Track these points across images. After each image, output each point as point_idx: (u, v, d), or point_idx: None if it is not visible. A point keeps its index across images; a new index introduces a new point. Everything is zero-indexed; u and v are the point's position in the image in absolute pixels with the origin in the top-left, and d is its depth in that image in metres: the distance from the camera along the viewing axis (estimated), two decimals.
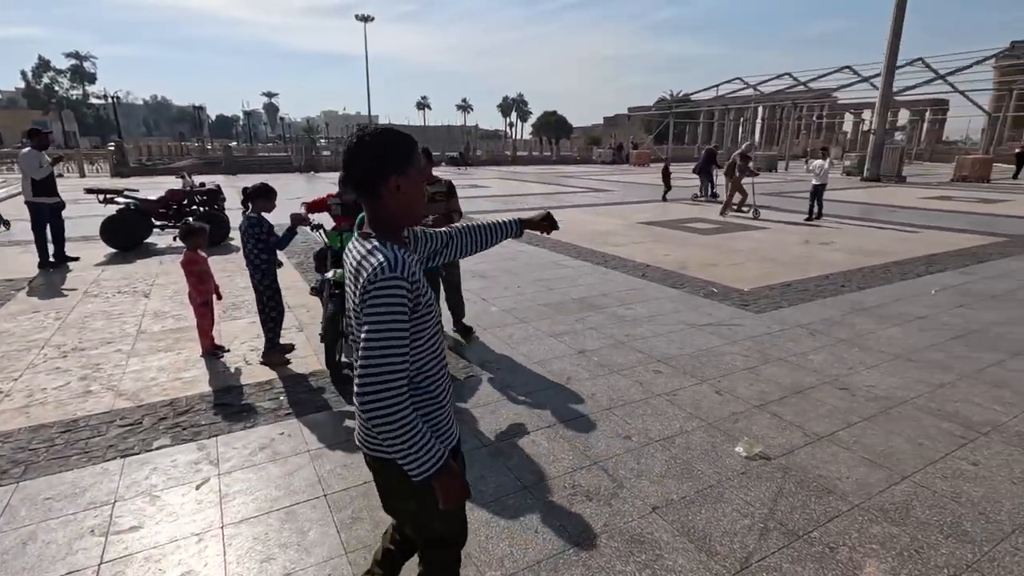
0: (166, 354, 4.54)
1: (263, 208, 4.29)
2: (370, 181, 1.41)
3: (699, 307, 5.85)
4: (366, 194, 1.43)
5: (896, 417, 3.49)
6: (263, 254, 4.25)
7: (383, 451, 1.46)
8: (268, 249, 4.26)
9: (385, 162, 1.41)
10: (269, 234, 4.25)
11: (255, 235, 4.19)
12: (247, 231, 4.19)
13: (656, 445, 3.16)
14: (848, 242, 9.68)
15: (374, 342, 1.30)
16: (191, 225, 4.54)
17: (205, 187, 10.04)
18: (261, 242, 4.21)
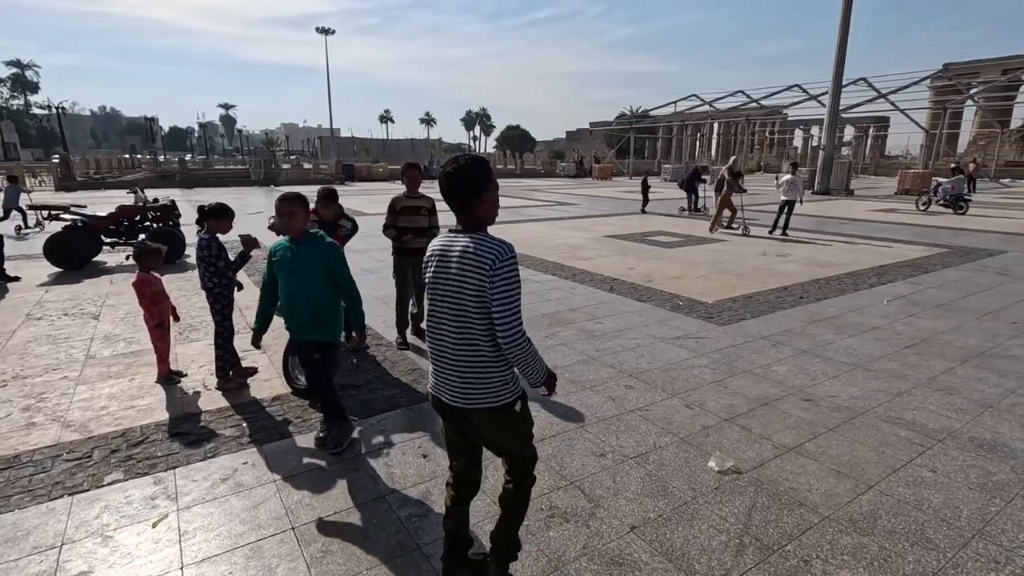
0: (118, 381, 4.30)
1: (218, 229, 4.14)
2: (469, 195, 1.91)
3: (666, 320, 5.94)
4: (466, 205, 1.92)
5: (859, 426, 3.60)
6: (215, 277, 4.07)
7: (500, 398, 1.99)
8: (219, 272, 4.07)
9: (478, 181, 1.91)
10: (219, 257, 4.07)
11: (204, 257, 4.04)
12: (197, 253, 4.06)
13: (631, 462, 3.16)
14: (803, 254, 10.04)
15: (512, 300, 1.86)
16: (146, 245, 4.33)
17: (159, 203, 9.65)
18: (211, 265, 4.04)
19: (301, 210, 3.12)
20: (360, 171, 36.96)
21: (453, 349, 1.97)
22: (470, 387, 1.97)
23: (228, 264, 4.14)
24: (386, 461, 3.17)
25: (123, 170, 36.97)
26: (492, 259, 1.83)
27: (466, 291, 1.88)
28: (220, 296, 4.15)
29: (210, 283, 4.10)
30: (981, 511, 2.73)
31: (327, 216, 4.69)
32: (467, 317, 1.91)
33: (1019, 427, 3.60)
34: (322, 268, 3.12)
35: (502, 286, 1.84)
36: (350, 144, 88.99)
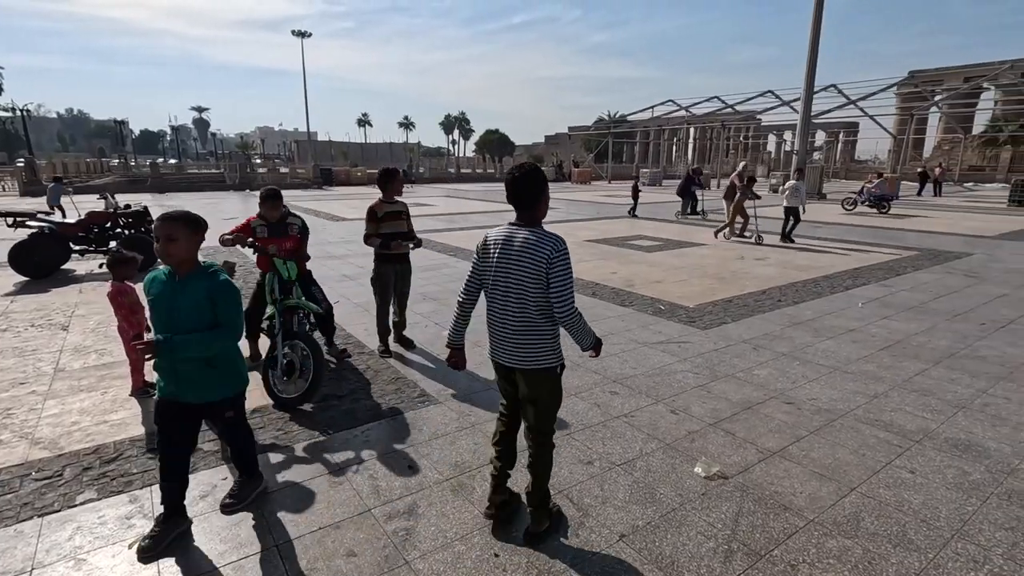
0: (89, 395, 4.15)
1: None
2: (535, 196, 2.39)
3: (649, 325, 5.98)
4: (529, 205, 2.40)
5: (839, 429, 3.66)
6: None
7: (546, 362, 2.45)
8: None
9: (541, 185, 2.39)
10: None
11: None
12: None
13: (618, 469, 3.16)
14: (780, 258, 10.23)
15: (568, 282, 2.34)
16: (121, 254, 4.19)
17: (130, 208, 9.40)
18: None
19: (185, 234, 2.54)
20: (338, 175, 36.59)
21: (512, 320, 2.43)
22: (524, 351, 2.43)
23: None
24: (371, 474, 3.12)
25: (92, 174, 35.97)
26: (551, 249, 2.30)
27: (526, 274, 2.33)
28: None
29: None
30: (959, 511, 2.79)
31: (273, 217, 4.53)
32: (526, 295, 2.36)
33: (991, 427, 3.70)
34: (209, 307, 2.52)
35: (559, 271, 2.30)
36: (327, 148, 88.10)
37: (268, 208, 4.51)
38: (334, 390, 4.25)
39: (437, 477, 3.08)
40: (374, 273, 5.10)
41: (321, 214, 18.01)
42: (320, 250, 10.83)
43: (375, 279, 5.10)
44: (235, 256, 10.19)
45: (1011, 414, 3.89)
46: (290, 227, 4.60)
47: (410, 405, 4.02)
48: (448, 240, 12.07)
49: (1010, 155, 43.95)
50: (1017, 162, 43.23)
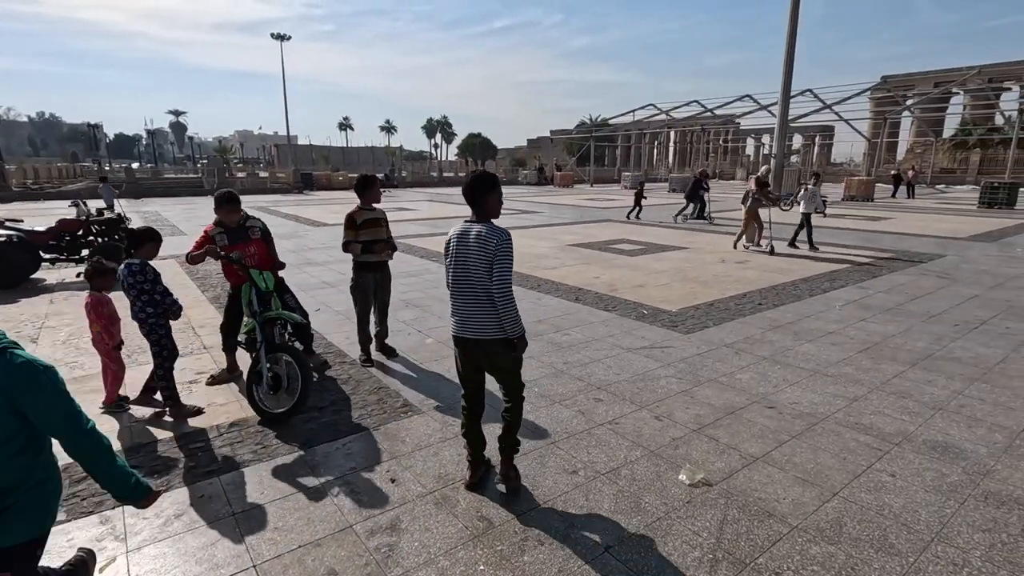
0: None
1: (149, 255, 3.87)
2: (483, 196, 2.82)
3: (632, 330, 5.99)
4: (481, 204, 2.84)
5: (820, 433, 3.70)
6: (148, 307, 3.81)
7: (504, 333, 2.82)
8: (154, 302, 3.82)
9: (487, 187, 2.84)
10: (155, 283, 3.81)
11: (137, 284, 3.75)
12: (128, 280, 3.74)
13: (603, 479, 3.15)
14: (760, 261, 10.36)
15: (507, 267, 2.75)
16: (101, 264, 4.05)
17: (104, 215, 9.18)
18: (145, 293, 3.78)
19: None
20: (319, 180, 36.20)
21: (475, 298, 2.82)
22: (485, 323, 2.82)
23: (166, 292, 3.87)
24: (352, 488, 3.06)
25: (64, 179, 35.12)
26: (497, 239, 2.75)
27: (480, 260, 2.76)
28: (156, 326, 3.86)
29: (143, 313, 3.82)
30: (938, 514, 2.83)
31: (232, 222, 4.34)
32: (481, 277, 2.78)
33: (967, 428, 3.77)
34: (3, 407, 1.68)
35: (501, 258, 2.74)
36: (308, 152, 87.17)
37: (226, 213, 4.31)
38: (315, 401, 4.17)
39: (420, 490, 3.04)
40: (353, 282, 5.03)
41: (301, 219, 17.81)
42: (300, 256, 10.70)
43: (355, 287, 5.04)
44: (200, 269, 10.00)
45: (986, 415, 3.96)
46: (251, 230, 4.43)
47: (392, 416, 3.96)
48: (430, 245, 12.00)
49: (979, 158, 45.24)
50: (986, 164, 44.50)
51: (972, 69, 47.05)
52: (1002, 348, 5.40)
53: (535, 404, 4.12)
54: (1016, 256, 10.97)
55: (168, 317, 3.92)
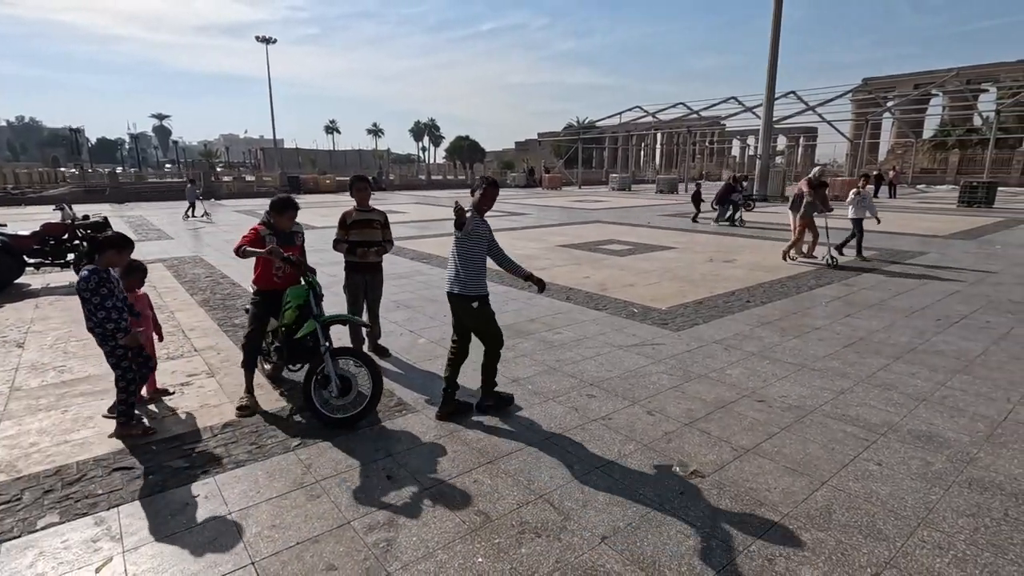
0: (48, 414, 3.98)
1: (113, 262, 3.64)
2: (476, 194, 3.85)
3: (623, 328, 6.05)
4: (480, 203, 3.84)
5: (809, 424, 3.77)
6: (113, 313, 3.52)
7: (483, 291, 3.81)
8: (117, 309, 3.57)
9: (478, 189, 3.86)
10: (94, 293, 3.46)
11: (101, 294, 3.46)
12: (93, 289, 3.43)
13: (598, 472, 3.19)
14: (748, 259, 10.49)
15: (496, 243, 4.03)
16: (135, 262, 3.98)
17: (89, 219, 9.07)
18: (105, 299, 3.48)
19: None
20: (306, 183, 36.00)
21: (468, 265, 3.78)
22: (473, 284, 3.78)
23: (102, 306, 3.49)
24: (349, 485, 3.07)
25: (45, 184, 34.57)
26: (487, 227, 3.90)
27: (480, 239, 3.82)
28: (106, 338, 3.55)
29: (90, 322, 3.53)
30: (924, 500, 2.90)
31: (286, 228, 4.19)
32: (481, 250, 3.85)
33: (950, 418, 3.86)
34: None
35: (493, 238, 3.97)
36: (295, 155, 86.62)
37: (287, 219, 4.14)
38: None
39: (416, 487, 3.05)
40: (344, 282, 5.05)
41: None
42: None
43: (345, 287, 5.06)
44: (188, 272, 9.96)
45: (968, 405, 4.07)
46: (296, 236, 4.35)
47: (387, 415, 3.97)
48: (420, 247, 12.00)
49: (958, 158, 46.11)
50: (965, 164, 45.37)
51: (951, 71, 48.02)
52: (983, 341, 5.53)
53: (529, 401, 4.16)
54: (995, 253, 11.22)
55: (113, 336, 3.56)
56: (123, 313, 3.63)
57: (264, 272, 4.13)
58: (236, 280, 8.70)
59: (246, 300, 7.26)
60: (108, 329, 3.56)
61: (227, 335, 5.84)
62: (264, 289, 4.15)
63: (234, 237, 12.26)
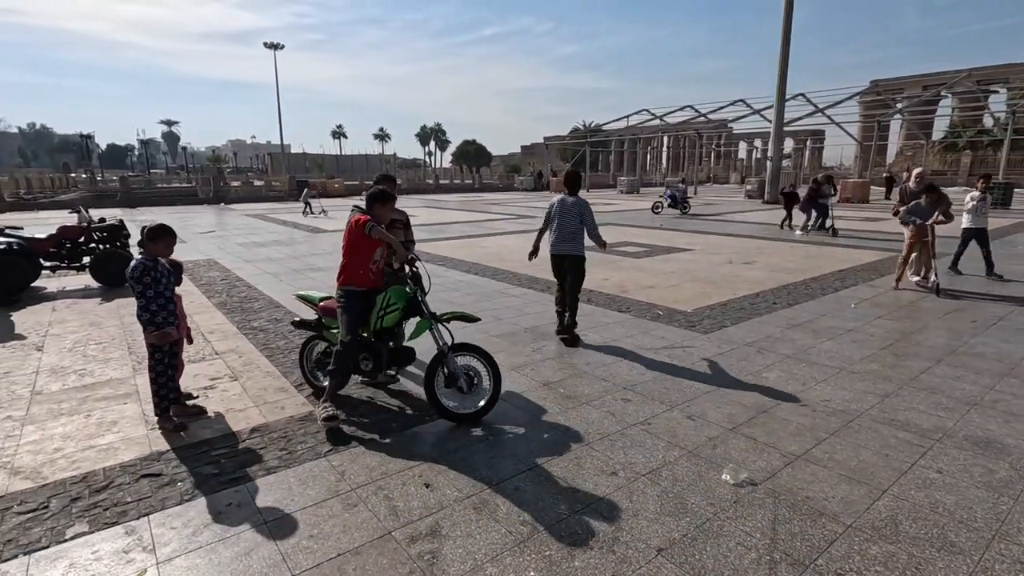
0: (71, 418, 3.88)
1: (159, 252, 3.64)
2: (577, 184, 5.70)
3: (650, 330, 5.91)
4: (575, 188, 5.65)
5: (857, 430, 3.62)
6: (152, 305, 3.53)
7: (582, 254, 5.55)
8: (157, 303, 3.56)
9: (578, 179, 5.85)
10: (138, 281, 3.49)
11: (144, 282, 3.48)
12: (136, 278, 3.47)
13: (644, 480, 3.05)
14: (767, 261, 10.32)
15: (593, 217, 5.59)
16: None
17: (105, 222, 9.03)
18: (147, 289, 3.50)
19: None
20: (315, 187, 36.02)
21: (569, 234, 5.43)
22: (576, 247, 5.41)
23: (165, 298, 3.60)
24: (386, 494, 2.94)
25: (57, 189, 34.79)
26: (585, 204, 5.47)
27: (576, 213, 5.43)
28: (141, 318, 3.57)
29: (153, 312, 3.56)
30: (994, 510, 2.75)
31: (386, 219, 3.99)
32: (577, 221, 5.42)
33: (1005, 423, 3.70)
34: None
35: (589, 212, 5.45)
36: (302, 160, 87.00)
37: (389, 210, 3.99)
38: (337, 405, 4.05)
39: (456, 495, 2.93)
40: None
41: (301, 226, 17.66)
42: (303, 262, 10.58)
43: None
44: (203, 275, 9.89)
45: (1022, 409, 3.90)
46: (396, 224, 4.19)
47: (418, 419, 3.85)
48: (436, 250, 11.90)
49: (970, 160, 45.63)
50: (976, 166, 44.90)
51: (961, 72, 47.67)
52: (1023, 343, 5.36)
53: (563, 405, 4.03)
54: (1018, 254, 10.99)
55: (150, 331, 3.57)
56: (161, 309, 3.59)
57: (362, 268, 3.83)
58: (252, 283, 8.62)
59: (264, 304, 7.18)
60: (142, 321, 3.53)
61: (247, 338, 5.74)
62: (360, 287, 3.83)
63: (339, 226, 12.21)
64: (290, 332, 5.89)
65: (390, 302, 3.83)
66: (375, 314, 3.83)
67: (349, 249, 3.82)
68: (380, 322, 3.85)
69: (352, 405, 4.08)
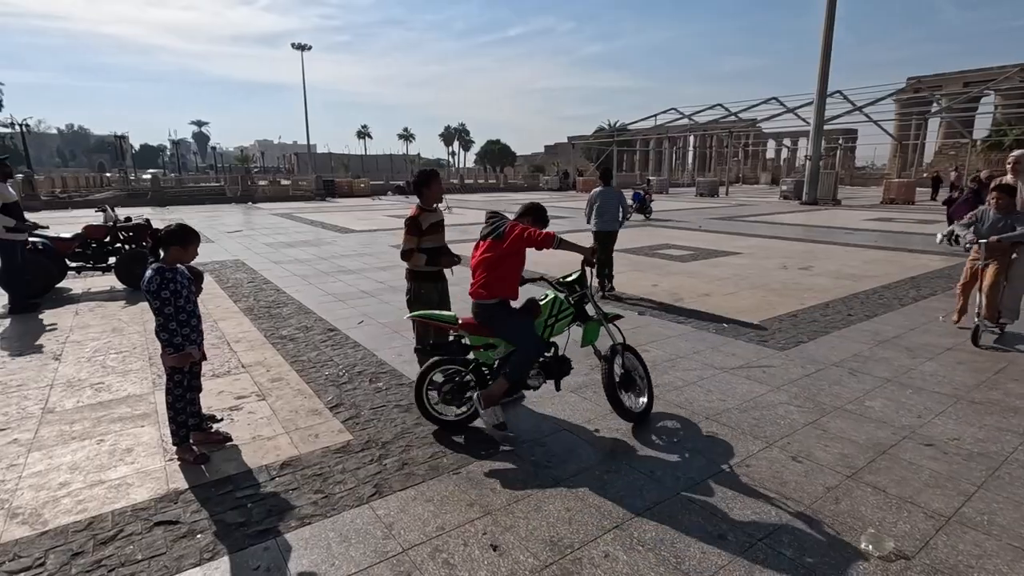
0: (83, 443, 3.44)
1: (179, 258, 3.15)
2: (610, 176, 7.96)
3: (718, 346, 5.29)
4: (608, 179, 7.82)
5: (1010, 481, 2.96)
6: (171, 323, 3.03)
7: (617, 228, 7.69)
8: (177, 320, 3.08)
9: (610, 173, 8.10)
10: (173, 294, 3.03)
11: (162, 297, 2.99)
12: (154, 291, 2.98)
13: (762, 547, 2.45)
14: (826, 266, 9.55)
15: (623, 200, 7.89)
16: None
17: (132, 221, 8.72)
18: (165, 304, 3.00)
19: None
20: (341, 187, 35.99)
21: (612, 216, 7.39)
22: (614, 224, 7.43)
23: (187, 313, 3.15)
24: (447, 558, 2.41)
25: (91, 188, 35.37)
26: (620, 194, 7.58)
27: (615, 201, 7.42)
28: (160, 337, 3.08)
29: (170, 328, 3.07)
30: None
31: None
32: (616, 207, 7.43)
33: None
34: None
35: (623, 199, 7.56)
36: (327, 160, 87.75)
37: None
38: (378, 434, 3.55)
39: (533, 562, 2.37)
40: (411, 294, 4.31)
41: (328, 226, 17.35)
42: (332, 264, 10.17)
43: (414, 300, 4.33)
44: (230, 277, 9.54)
45: None
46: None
47: (472, 454, 3.31)
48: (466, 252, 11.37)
49: None
50: None
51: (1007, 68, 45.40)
52: None
53: (641, 439, 3.45)
54: None
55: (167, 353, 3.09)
56: (183, 326, 3.13)
57: (514, 279, 3.57)
58: (280, 286, 8.22)
59: (293, 309, 6.69)
60: (161, 340, 3.05)
61: (275, 348, 5.28)
62: (515, 299, 3.58)
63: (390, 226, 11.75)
64: (322, 342, 5.42)
65: (562, 308, 3.63)
66: (541, 324, 3.55)
67: (503, 261, 3.45)
68: (549, 331, 3.59)
69: (394, 434, 3.57)
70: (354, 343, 5.41)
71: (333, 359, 4.96)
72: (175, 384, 3.17)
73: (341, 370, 4.68)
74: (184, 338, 3.11)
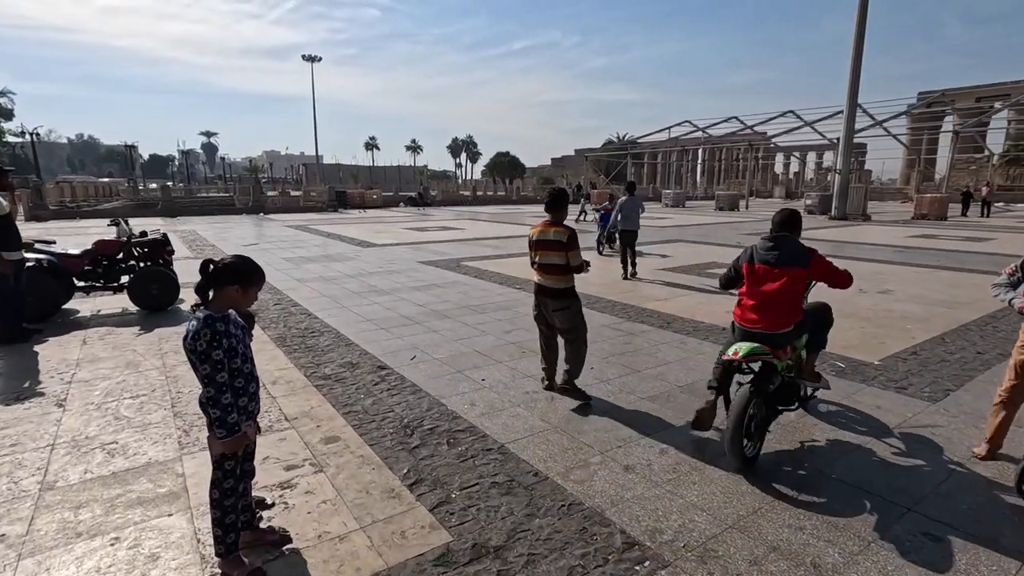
0: (91, 544, 2.58)
1: (236, 303, 2.27)
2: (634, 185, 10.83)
3: (849, 393, 4.42)
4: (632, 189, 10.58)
5: None
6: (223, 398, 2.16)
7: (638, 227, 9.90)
8: (232, 389, 2.22)
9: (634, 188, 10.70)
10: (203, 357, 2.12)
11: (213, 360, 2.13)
12: (203, 352, 2.11)
13: None
14: (904, 289, 8.68)
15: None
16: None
17: (147, 236, 7.91)
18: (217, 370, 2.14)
19: None
20: (353, 198, 35.27)
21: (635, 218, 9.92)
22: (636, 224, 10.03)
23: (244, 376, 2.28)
24: None
25: (100, 198, 34.81)
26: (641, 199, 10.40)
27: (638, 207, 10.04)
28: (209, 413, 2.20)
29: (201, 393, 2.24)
30: None
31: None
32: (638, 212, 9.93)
33: None
34: None
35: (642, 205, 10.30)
36: (336, 171, 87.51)
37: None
38: (482, 531, 2.68)
39: None
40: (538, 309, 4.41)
41: (346, 239, 16.55)
42: (362, 283, 9.33)
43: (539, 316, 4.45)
44: (266, 290, 8.69)
45: None
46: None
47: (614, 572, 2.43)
48: (503, 270, 10.55)
49: None
50: None
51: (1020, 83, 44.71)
52: None
53: (815, 533, 2.56)
54: None
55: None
56: (240, 395, 2.27)
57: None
58: (310, 309, 7.39)
59: (331, 340, 5.78)
60: (209, 416, 2.19)
61: (321, 393, 4.43)
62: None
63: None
64: (374, 385, 4.57)
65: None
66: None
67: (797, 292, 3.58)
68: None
69: (502, 541, 2.70)
70: (412, 386, 4.56)
71: (394, 409, 4.10)
72: (225, 474, 2.30)
73: (407, 426, 3.82)
74: (241, 411, 2.26)
